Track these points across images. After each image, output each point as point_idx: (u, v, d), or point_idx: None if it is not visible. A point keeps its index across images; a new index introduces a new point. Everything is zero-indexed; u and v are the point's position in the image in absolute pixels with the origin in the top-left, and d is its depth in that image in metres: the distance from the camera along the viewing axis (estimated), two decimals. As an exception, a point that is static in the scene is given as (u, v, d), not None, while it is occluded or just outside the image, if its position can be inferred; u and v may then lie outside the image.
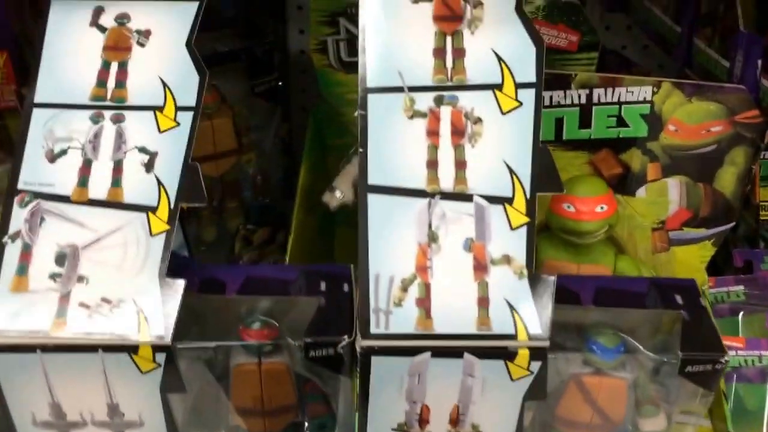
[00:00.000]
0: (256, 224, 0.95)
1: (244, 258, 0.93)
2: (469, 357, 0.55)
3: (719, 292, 0.98)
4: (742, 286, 0.96)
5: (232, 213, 0.95)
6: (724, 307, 0.96)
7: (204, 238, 0.94)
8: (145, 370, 0.55)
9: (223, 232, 0.94)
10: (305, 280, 0.60)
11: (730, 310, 0.96)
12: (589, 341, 0.59)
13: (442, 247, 0.56)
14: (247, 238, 0.95)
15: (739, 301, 0.96)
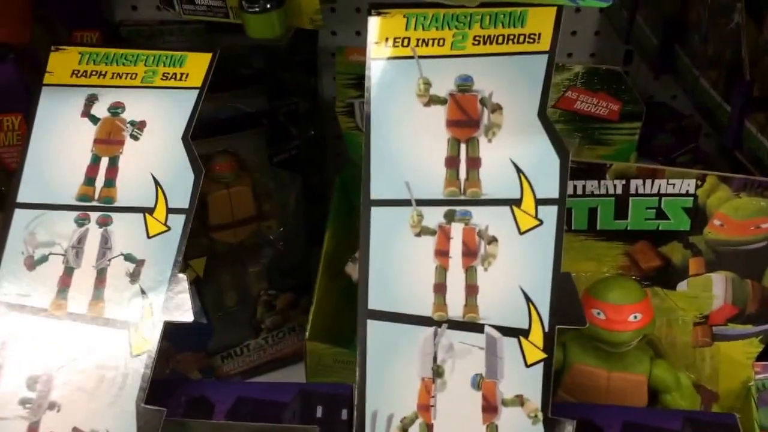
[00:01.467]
0: (278, 289, 0.91)
1: (266, 322, 0.90)
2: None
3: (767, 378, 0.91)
4: (792, 373, 0.89)
5: (254, 278, 0.91)
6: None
7: (225, 303, 0.90)
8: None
9: (245, 297, 0.90)
10: (301, 403, 0.55)
11: (780, 401, 0.89)
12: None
13: (447, 383, 0.51)
14: (269, 303, 0.91)
15: (789, 397, 0.89)
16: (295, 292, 0.91)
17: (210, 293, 0.87)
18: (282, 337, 0.91)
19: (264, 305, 0.91)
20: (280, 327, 0.91)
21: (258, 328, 0.90)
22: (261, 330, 0.90)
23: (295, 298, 0.92)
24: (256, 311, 0.90)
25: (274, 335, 0.91)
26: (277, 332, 0.91)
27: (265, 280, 0.91)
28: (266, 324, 0.90)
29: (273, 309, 0.91)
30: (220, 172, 0.78)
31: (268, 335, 0.90)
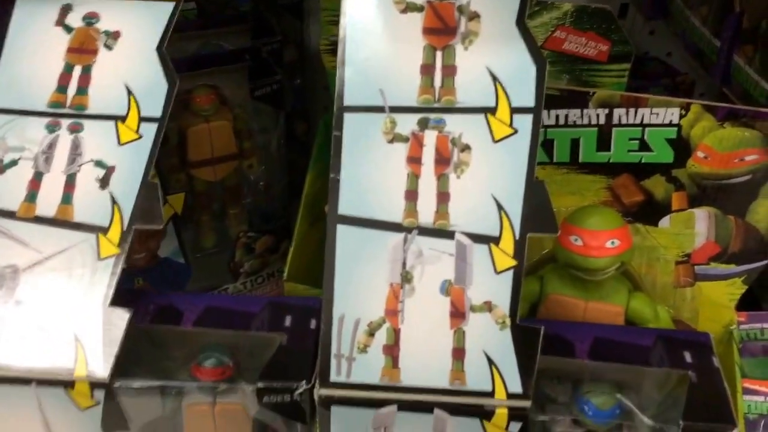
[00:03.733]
0: (258, 232, 0.90)
1: (246, 266, 0.89)
2: (440, 413, 0.49)
3: (752, 328, 0.90)
4: (779, 323, 0.89)
5: (234, 219, 0.90)
6: (757, 345, 0.88)
7: (203, 244, 0.89)
8: (83, 407, 0.51)
9: (224, 239, 0.89)
10: (270, 313, 0.55)
11: (763, 349, 0.88)
12: (581, 401, 0.52)
13: (416, 289, 0.50)
14: (248, 246, 0.90)
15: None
16: (276, 235, 0.90)
17: (188, 232, 0.86)
18: (261, 283, 0.91)
19: (243, 248, 0.90)
20: (259, 272, 0.90)
21: (236, 272, 0.89)
22: (240, 275, 0.89)
23: (275, 242, 0.91)
24: (234, 254, 0.89)
25: (252, 280, 0.90)
26: (256, 277, 0.90)
27: (245, 222, 0.90)
28: (245, 268, 0.89)
29: (252, 252, 0.90)
30: (200, 105, 0.77)
31: (246, 280, 0.89)
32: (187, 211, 0.85)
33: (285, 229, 0.90)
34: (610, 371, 0.53)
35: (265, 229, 0.90)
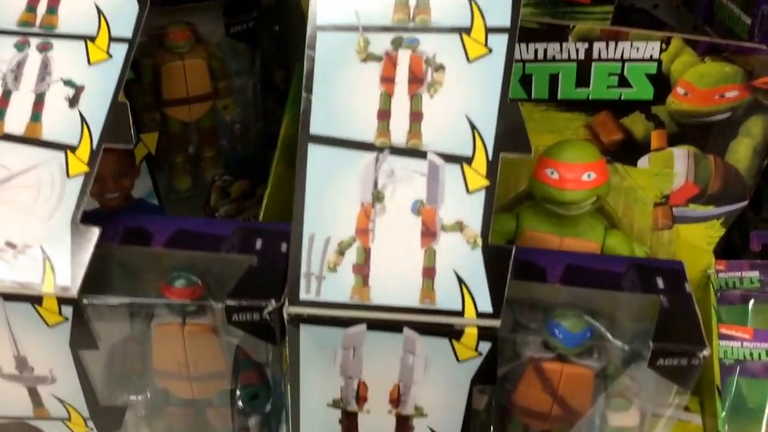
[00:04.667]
0: (234, 176, 0.89)
1: (221, 211, 0.88)
2: (409, 332, 0.49)
3: (731, 277, 0.90)
4: (758, 272, 0.89)
5: (209, 162, 0.89)
6: (735, 293, 0.89)
7: (177, 187, 0.88)
8: (51, 323, 0.50)
9: (199, 182, 0.88)
10: (240, 236, 0.54)
11: (741, 297, 0.88)
12: (551, 324, 0.52)
13: (387, 208, 0.50)
14: (224, 190, 0.89)
15: (753, 288, 0.89)
16: (252, 180, 0.89)
17: (163, 174, 0.85)
18: (236, 229, 0.89)
19: (218, 192, 0.89)
20: (234, 217, 0.89)
21: (212, 216, 0.87)
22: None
23: (251, 187, 0.90)
24: (210, 198, 0.88)
25: (227, 226, 0.89)
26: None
27: (220, 165, 0.89)
28: (220, 212, 0.88)
29: (228, 197, 0.89)
30: (174, 42, 0.75)
31: (221, 226, 0.88)
32: (162, 152, 0.84)
33: (261, 175, 0.88)
34: (582, 296, 0.52)
35: (240, 173, 0.89)
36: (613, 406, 0.56)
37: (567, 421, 0.57)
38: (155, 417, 0.61)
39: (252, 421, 0.59)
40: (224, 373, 0.57)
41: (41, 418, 0.57)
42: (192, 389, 0.57)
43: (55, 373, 0.53)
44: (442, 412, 0.54)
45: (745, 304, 0.87)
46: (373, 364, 0.51)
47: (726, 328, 0.81)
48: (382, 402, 0.54)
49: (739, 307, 0.89)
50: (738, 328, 0.82)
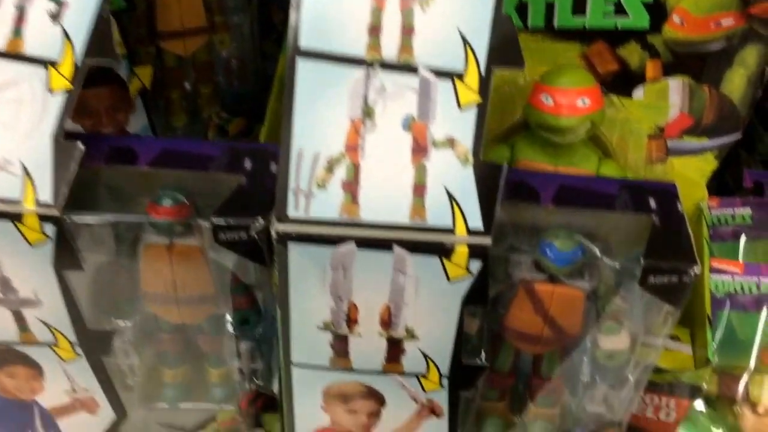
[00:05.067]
0: (231, 113, 0.88)
1: (218, 149, 0.87)
2: (399, 251, 0.48)
3: (723, 213, 0.90)
4: (750, 208, 0.88)
5: (206, 99, 0.88)
6: (727, 230, 0.88)
7: (173, 123, 0.87)
8: (33, 242, 0.49)
9: (196, 119, 0.88)
10: (229, 156, 0.53)
11: (733, 233, 0.88)
12: (542, 243, 0.51)
13: (377, 124, 0.49)
14: (221, 128, 0.88)
15: (744, 225, 0.88)
16: (249, 118, 0.88)
17: (158, 110, 0.84)
18: (232, 166, 0.88)
19: (215, 129, 0.88)
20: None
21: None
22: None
23: (248, 125, 0.89)
24: (207, 135, 0.87)
25: (224, 164, 0.88)
26: (228, 160, 0.88)
27: (217, 102, 0.88)
28: (217, 151, 0.87)
29: (225, 135, 0.88)
30: (167, -30, 0.74)
31: (218, 164, 0.87)
32: (157, 88, 0.83)
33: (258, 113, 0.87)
34: (574, 216, 0.52)
35: (238, 111, 0.88)
36: (604, 330, 0.55)
37: (558, 343, 0.57)
38: (145, 343, 0.61)
39: (243, 347, 0.58)
40: (213, 296, 0.56)
41: (27, 343, 0.57)
42: (180, 313, 0.57)
43: (40, 295, 0.53)
44: (433, 334, 0.54)
45: (737, 240, 0.87)
46: (363, 284, 0.50)
47: (717, 263, 0.81)
48: (373, 324, 0.53)
49: (731, 244, 0.88)
50: (729, 262, 0.82)
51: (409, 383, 0.58)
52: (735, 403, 0.77)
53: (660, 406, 0.74)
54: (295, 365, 0.57)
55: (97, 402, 0.62)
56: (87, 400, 0.61)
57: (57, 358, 0.58)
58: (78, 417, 0.63)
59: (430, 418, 0.61)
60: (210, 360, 0.63)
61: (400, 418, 0.61)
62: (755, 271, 0.80)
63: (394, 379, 0.57)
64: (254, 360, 0.59)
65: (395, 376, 0.57)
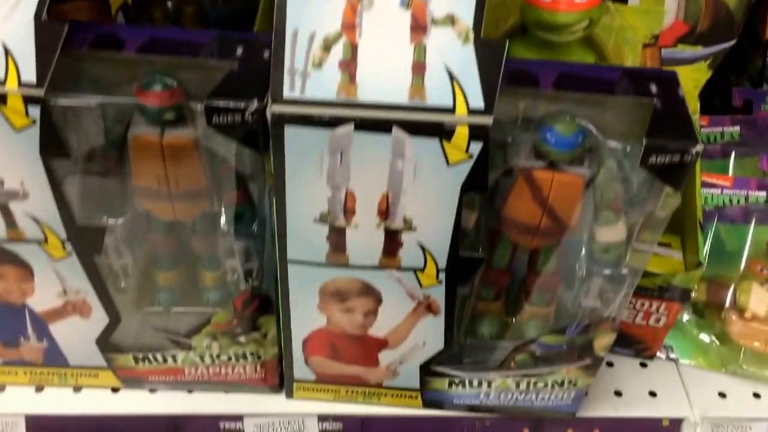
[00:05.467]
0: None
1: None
2: (398, 133, 0.48)
3: (713, 131, 0.91)
4: (739, 126, 0.89)
5: (189, 19, 0.85)
6: (716, 148, 0.89)
7: (155, 42, 0.84)
8: (18, 127, 0.48)
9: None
10: (219, 44, 0.52)
11: (722, 151, 0.88)
12: (543, 128, 0.50)
13: (374, 2, 0.47)
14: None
15: (733, 142, 0.89)
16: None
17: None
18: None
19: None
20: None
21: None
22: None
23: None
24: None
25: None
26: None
27: (200, 22, 0.86)
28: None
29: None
30: None
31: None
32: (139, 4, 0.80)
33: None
34: (574, 102, 0.51)
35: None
36: (601, 220, 0.55)
37: (555, 235, 0.56)
38: (137, 244, 0.60)
39: (238, 245, 0.58)
40: (206, 190, 0.55)
41: (15, 240, 0.55)
42: (174, 209, 0.56)
43: (27, 186, 0.51)
44: (431, 225, 0.53)
45: (726, 158, 0.87)
46: (361, 170, 0.50)
47: (707, 176, 0.81)
48: (371, 214, 0.52)
49: (720, 162, 0.89)
50: (718, 176, 0.83)
51: (407, 279, 0.57)
52: (723, 310, 0.78)
53: (650, 312, 0.74)
54: (291, 262, 0.57)
55: (89, 305, 0.61)
56: (79, 304, 0.60)
57: (47, 257, 0.57)
58: (71, 321, 0.62)
59: (427, 316, 0.60)
60: (204, 262, 0.62)
61: (397, 316, 0.61)
62: (744, 185, 0.81)
63: (391, 274, 0.57)
64: (249, 259, 0.58)
65: (392, 271, 0.57)
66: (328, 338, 0.63)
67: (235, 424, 0.72)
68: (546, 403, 0.69)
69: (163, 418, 0.70)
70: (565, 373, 0.65)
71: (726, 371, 0.77)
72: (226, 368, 0.67)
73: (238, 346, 0.65)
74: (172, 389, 0.70)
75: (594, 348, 0.62)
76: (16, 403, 0.69)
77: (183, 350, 0.65)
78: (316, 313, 0.61)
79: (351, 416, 0.72)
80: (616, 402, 0.75)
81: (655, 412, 0.74)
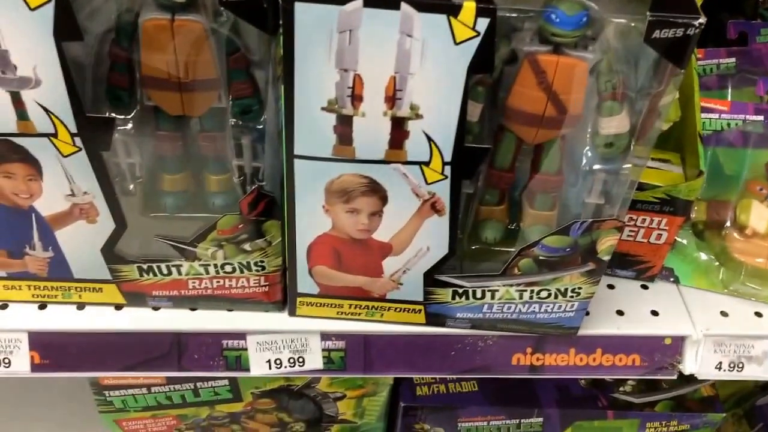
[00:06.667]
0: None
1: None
2: (407, 8, 0.48)
3: (708, 64, 0.91)
4: (734, 58, 0.90)
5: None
6: (712, 79, 0.90)
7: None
8: (33, 5, 0.48)
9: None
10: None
11: (719, 83, 0.90)
12: (548, 8, 0.51)
13: None
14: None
15: (729, 74, 0.90)
16: None
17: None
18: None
19: None
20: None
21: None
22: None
23: None
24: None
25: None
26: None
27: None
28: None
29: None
30: None
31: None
32: None
33: None
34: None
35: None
36: (604, 110, 0.56)
37: (559, 123, 0.57)
38: (144, 141, 0.60)
39: (245, 141, 0.58)
40: (216, 81, 0.56)
41: (25, 134, 0.56)
42: (182, 101, 0.56)
43: (40, 73, 0.52)
44: (437, 112, 0.54)
45: (722, 89, 0.88)
46: (369, 51, 0.50)
47: (705, 101, 0.82)
48: (378, 100, 0.53)
49: (716, 92, 0.90)
50: (716, 101, 0.84)
51: (412, 173, 0.58)
52: (723, 229, 0.79)
53: (652, 228, 0.75)
54: (297, 157, 0.57)
55: (96, 209, 0.61)
56: (87, 207, 0.61)
57: (56, 153, 0.57)
58: (77, 227, 0.63)
59: (432, 217, 0.61)
60: (210, 165, 0.62)
61: (402, 217, 0.61)
62: (741, 109, 0.81)
63: (396, 169, 0.57)
64: (256, 157, 0.59)
65: (398, 165, 0.57)
66: (333, 244, 0.64)
67: (238, 342, 0.72)
68: (549, 316, 0.70)
69: (166, 335, 0.70)
70: (569, 280, 0.65)
71: (727, 291, 0.78)
72: (229, 281, 0.68)
73: (243, 255, 0.65)
74: (175, 307, 0.71)
75: (597, 250, 0.63)
76: (19, 320, 0.69)
77: (188, 260, 0.65)
78: (321, 215, 0.61)
79: (354, 334, 0.72)
80: (618, 320, 0.75)
81: (657, 330, 0.75)
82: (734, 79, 0.90)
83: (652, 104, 0.53)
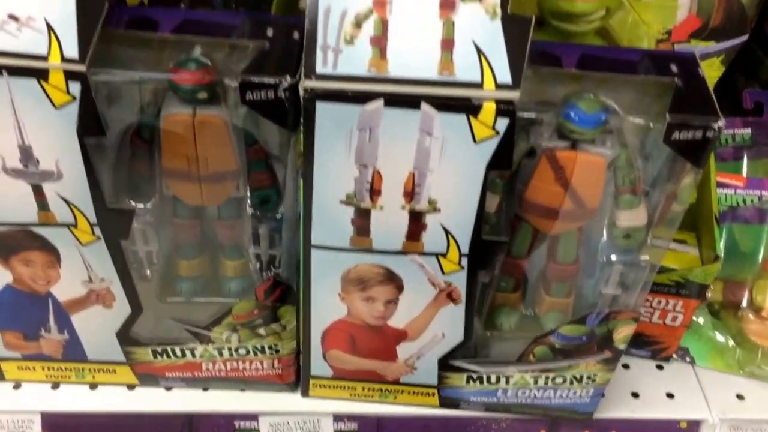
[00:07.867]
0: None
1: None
2: (427, 108, 0.48)
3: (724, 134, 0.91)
4: (750, 129, 0.89)
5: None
6: (728, 150, 0.90)
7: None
8: (58, 104, 0.49)
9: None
10: (250, 26, 0.53)
11: (734, 154, 0.89)
12: (567, 105, 0.51)
13: (404, -15, 0.48)
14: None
15: (745, 145, 0.90)
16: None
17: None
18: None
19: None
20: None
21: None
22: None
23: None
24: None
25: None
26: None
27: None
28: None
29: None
30: None
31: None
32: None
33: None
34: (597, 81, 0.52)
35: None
36: (622, 203, 0.56)
37: (577, 218, 0.57)
38: (162, 230, 0.60)
39: (262, 230, 0.58)
40: (235, 173, 0.56)
41: (46, 224, 0.56)
42: (201, 193, 0.56)
43: (62, 167, 0.52)
44: (455, 206, 0.54)
45: (738, 160, 0.88)
46: (389, 148, 0.50)
47: (721, 177, 0.82)
48: (396, 195, 0.53)
49: (732, 163, 0.90)
50: (732, 176, 0.83)
51: (429, 264, 0.57)
52: (739, 310, 0.78)
53: (667, 310, 0.74)
54: (314, 247, 0.57)
55: (113, 294, 0.61)
56: (103, 292, 0.61)
57: (75, 242, 0.57)
58: (93, 311, 0.63)
59: (448, 305, 0.61)
60: (226, 251, 0.62)
61: (418, 305, 0.61)
62: (757, 185, 0.81)
63: (413, 260, 0.57)
64: (273, 245, 0.59)
65: (415, 256, 0.57)
66: (348, 330, 0.63)
67: (250, 423, 0.71)
68: (564, 401, 0.69)
69: (178, 416, 0.70)
70: (584, 367, 0.65)
71: (743, 373, 0.77)
72: (243, 363, 0.67)
73: (258, 339, 0.65)
74: (187, 387, 0.70)
75: (614, 339, 0.62)
76: (32, 400, 0.69)
77: (202, 343, 0.65)
78: (337, 302, 0.61)
79: (366, 416, 0.71)
80: (633, 403, 0.74)
81: (672, 414, 0.74)
82: (750, 151, 0.89)
83: (669, 194, 0.53)
